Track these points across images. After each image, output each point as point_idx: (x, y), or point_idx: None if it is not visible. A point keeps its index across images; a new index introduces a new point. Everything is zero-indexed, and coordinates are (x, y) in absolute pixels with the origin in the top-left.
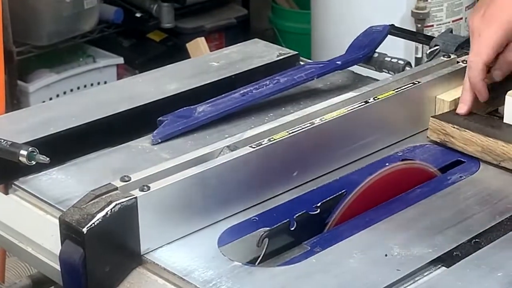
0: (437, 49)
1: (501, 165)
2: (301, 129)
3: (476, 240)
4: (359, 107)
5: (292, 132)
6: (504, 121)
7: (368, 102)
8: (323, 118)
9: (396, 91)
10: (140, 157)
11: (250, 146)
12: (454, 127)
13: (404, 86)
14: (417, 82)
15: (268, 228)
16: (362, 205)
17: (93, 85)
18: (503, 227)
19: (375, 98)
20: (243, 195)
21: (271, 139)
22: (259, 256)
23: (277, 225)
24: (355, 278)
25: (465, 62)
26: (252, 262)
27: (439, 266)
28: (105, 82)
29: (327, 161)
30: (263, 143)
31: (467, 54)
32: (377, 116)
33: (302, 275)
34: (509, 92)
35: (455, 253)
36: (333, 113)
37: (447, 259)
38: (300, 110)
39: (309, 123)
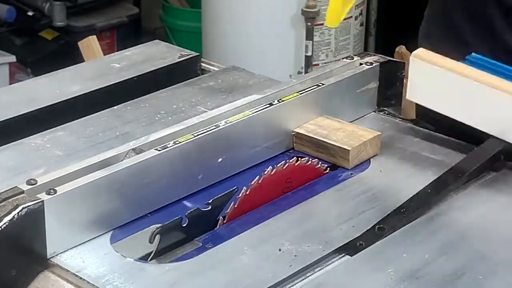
0: None
1: None
2: (206, 132)
3: (370, 234)
4: (264, 109)
5: (197, 135)
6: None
7: (273, 105)
8: (228, 120)
9: (300, 93)
10: (33, 154)
11: (155, 149)
12: None
13: (308, 88)
14: (321, 85)
15: (160, 225)
16: (253, 201)
17: None
18: (392, 224)
19: (280, 101)
20: (149, 198)
21: (176, 142)
22: (151, 252)
23: (169, 221)
24: (246, 274)
25: (368, 63)
26: (144, 258)
27: (330, 262)
28: None
29: (232, 163)
30: (168, 146)
31: (370, 55)
32: (282, 118)
33: (193, 271)
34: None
35: (345, 249)
36: (238, 115)
37: (338, 255)
38: (204, 113)
39: (214, 125)
